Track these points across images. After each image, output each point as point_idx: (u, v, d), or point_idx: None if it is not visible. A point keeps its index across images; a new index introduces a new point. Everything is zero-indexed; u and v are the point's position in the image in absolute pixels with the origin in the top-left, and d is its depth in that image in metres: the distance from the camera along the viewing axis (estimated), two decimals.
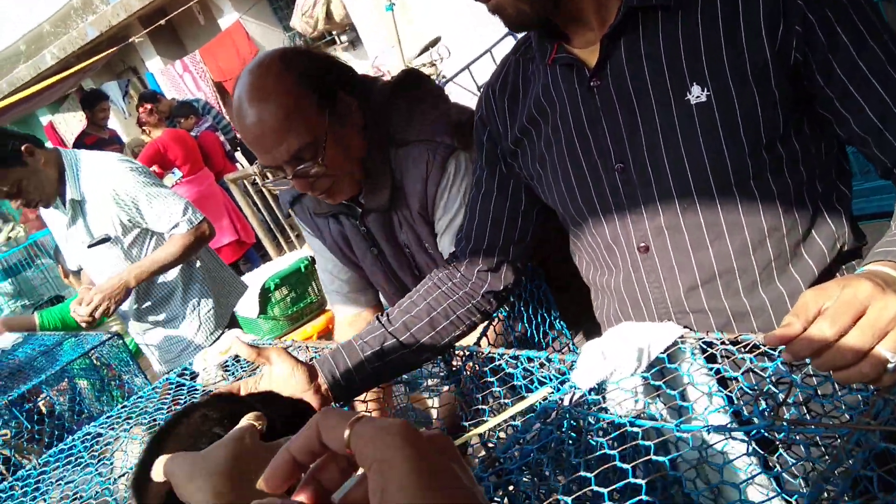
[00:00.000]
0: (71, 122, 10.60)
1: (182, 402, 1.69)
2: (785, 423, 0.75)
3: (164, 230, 2.82)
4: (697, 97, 1.02)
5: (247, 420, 0.92)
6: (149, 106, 6.72)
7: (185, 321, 3.01)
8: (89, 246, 2.85)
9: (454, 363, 1.37)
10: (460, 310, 1.37)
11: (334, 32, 8.46)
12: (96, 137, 7.40)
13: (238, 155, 8.14)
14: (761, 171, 1.04)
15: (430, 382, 1.59)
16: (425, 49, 6.16)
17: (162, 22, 9.01)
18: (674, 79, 1.04)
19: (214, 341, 2.92)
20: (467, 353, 1.34)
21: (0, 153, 2.62)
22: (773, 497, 0.84)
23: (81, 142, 7.54)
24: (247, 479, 0.83)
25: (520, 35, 1.26)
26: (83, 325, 2.74)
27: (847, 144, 1.09)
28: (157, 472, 0.85)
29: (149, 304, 2.97)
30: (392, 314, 1.37)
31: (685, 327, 1.00)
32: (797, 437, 0.75)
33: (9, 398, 2.43)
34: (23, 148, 2.65)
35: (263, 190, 6.20)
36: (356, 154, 1.48)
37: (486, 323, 1.54)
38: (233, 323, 3.12)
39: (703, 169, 1.05)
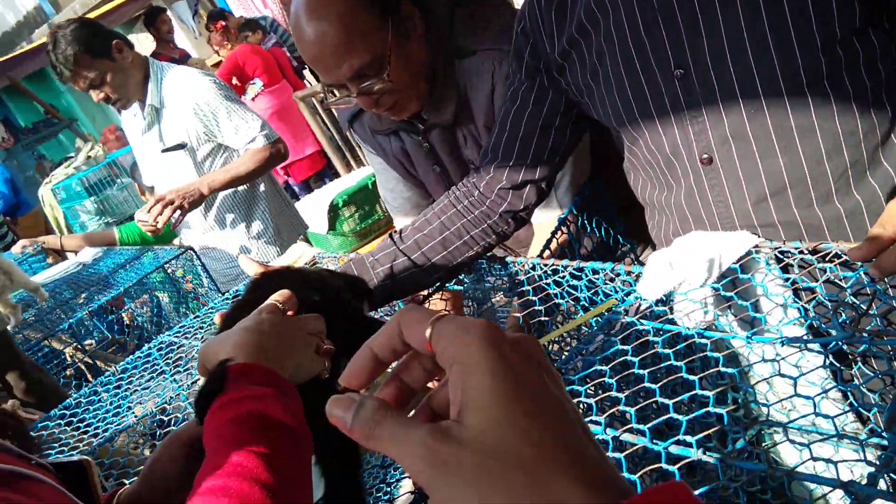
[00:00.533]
0: (144, 43, 10.67)
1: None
2: (866, 335, 0.70)
3: (239, 145, 2.86)
4: None
5: (270, 299, 0.95)
6: (221, 24, 6.74)
7: (244, 247, 3.06)
8: (163, 151, 2.92)
9: (518, 276, 1.34)
10: (474, 230, 1.34)
11: None
12: (167, 57, 7.46)
13: (306, 72, 8.12)
14: (836, 70, 0.96)
15: (496, 299, 1.58)
16: None
17: None
18: None
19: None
20: (531, 264, 1.32)
21: (92, 43, 2.70)
22: (848, 411, 0.81)
23: None
24: (265, 352, 0.85)
25: None
26: (147, 231, 2.80)
27: None
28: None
29: (211, 221, 3.03)
30: (405, 232, 1.35)
31: (759, 238, 0.95)
32: (876, 350, 0.71)
33: (91, 309, 2.52)
34: (113, 42, 2.73)
35: (331, 108, 6.20)
36: (420, 67, 1.42)
37: (551, 233, 1.51)
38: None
39: (771, 69, 0.96)
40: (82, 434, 1.55)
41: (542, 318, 1.19)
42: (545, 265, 1.28)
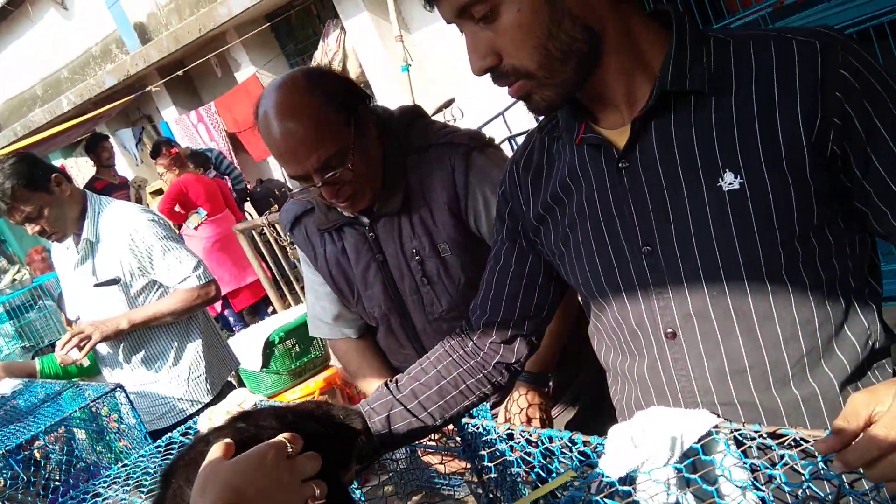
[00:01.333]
0: (84, 167, 10.70)
1: None
2: None
3: (171, 283, 2.83)
4: (730, 184, 1.00)
5: (281, 437, 0.89)
6: (175, 150, 6.80)
7: (172, 384, 2.98)
8: (96, 285, 2.87)
9: (473, 438, 1.33)
10: (470, 380, 1.34)
11: None
12: (106, 182, 7.45)
13: (247, 206, 8.17)
14: (794, 263, 1.02)
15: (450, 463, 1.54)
16: (439, 110, 6.22)
17: (179, 73, 9.14)
18: (706, 164, 1.02)
19: (200, 409, 2.89)
20: (484, 428, 1.30)
21: (31, 175, 2.70)
22: None
23: (92, 186, 7.58)
24: (262, 496, 0.80)
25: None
26: (61, 362, 2.80)
27: (884, 239, 1.07)
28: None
29: (139, 357, 2.96)
30: (401, 381, 1.35)
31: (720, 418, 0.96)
32: None
33: (6, 448, 2.37)
34: (52, 176, 2.74)
35: (271, 241, 6.19)
36: (375, 161, 1.60)
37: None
38: (221, 395, 3.05)
39: (734, 257, 1.02)
40: None
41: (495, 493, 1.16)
42: (499, 428, 1.27)
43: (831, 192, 1.00)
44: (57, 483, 3.04)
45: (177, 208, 6.44)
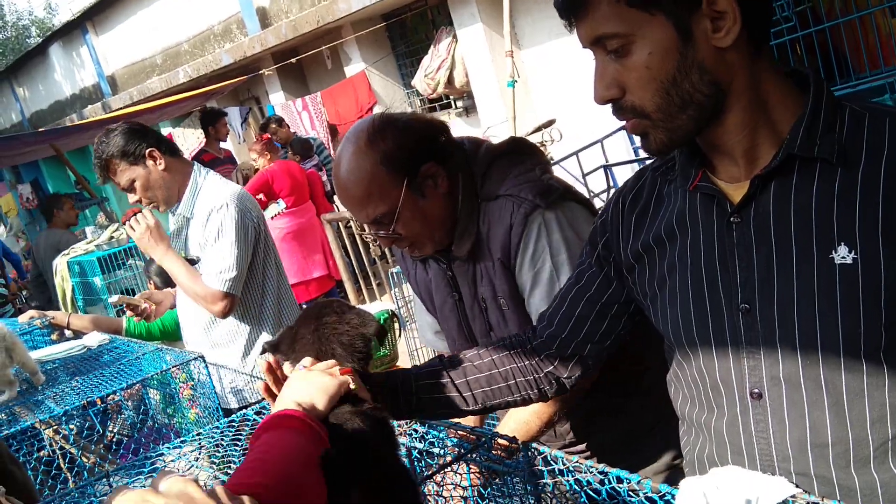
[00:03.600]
0: (189, 138, 11.10)
1: None
2: None
3: (202, 270, 2.84)
4: (843, 258, 0.99)
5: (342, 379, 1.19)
6: (266, 136, 6.99)
7: (242, 363, 3.01)
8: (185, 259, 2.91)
9: (539, 463, 1.33)
10: (520, 378, 1.38)
11: (452, 97, 8.66)
12: (213, 156, 7.72)
13: (336, 198, 8.35)
14: (894, 345, 1.00)
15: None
16: (538, 129, 6.22)
17: (292, 60, 9.42)
18: (821, 234, 1.01)
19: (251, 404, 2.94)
20: (553, 455, 1.31)
21: (125, 149, 2.76)
22: None
23: (199, 158, 7.89)
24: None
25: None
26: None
27: None
28: None
29: (213, 337, 3.00)
30: (457, 356, 1.40)
31: (798, 487, 0.95)
32: None
33: (87, 399, 2.48)
34: (148, 150, 2.77)
35: (356, 234, 6.32)
36: (435, 220, 1.60)
37: None
38: None
39: (834, 331, 1.01)
40: None
41: None
42: (568, 460, 1.27)
43: None
44: (126, 438, 3.18)
45: (260, 196, 6.62)
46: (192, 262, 2.89)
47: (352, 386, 1.17)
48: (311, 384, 1.15)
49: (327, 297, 7.16)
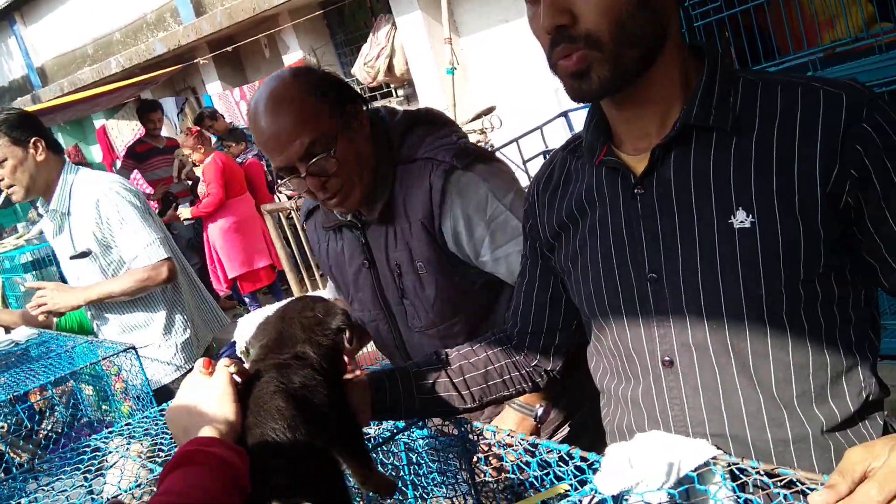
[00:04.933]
0: (123, 130, 10.84)
1: None
2: None
3: (127, 259, 2.88)
4: (741, 222, 1.01)
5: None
6: (196, 129, 6.90)
7: (162, 349, 3.04)
8: (70, 258, 2.96)
9: (470, 438, 1.33)
10: (514, 372, 1.39)
11: (392, 86, 8.61)
12: (150, 146, 7.59)
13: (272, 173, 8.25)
14: (795, 306, 1.03)
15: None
16: (478, 116, 6.23)
17: (228, 49, 9.23)
18: (720, 200, 1.03)
19: (188, 371, 2.93)
20: (486, 429, 1.31)
21: (16, 127, 2.81)
22: None
23: (133, 149, 7.73)
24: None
25: (574, 119, 1.27)
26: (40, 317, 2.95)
27: (890, 295, 1.08)
28: None
29: (127, 323, 3.02)
30: (451, 355, 1.39)
31: (719, 449, 0.96)
32: None
33: (14, 394, 2.41)
34: (33, 139, 2.83)
35: (297, 225, 6.25)
36: (366, 161, 1.59)
37: None
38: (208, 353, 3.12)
39: (736, 294, 1.03)
40: None
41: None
42: (499, 433, 1.27)
43: (840, 242, 1.01)
44: (58, 436, 3.09)
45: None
46: (85, 254, 2.92)
47: (232, 370, 1.09)
48: (208, 391, 1.08)
49: (271, 288, 7.10)
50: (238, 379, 1.09)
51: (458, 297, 1.66)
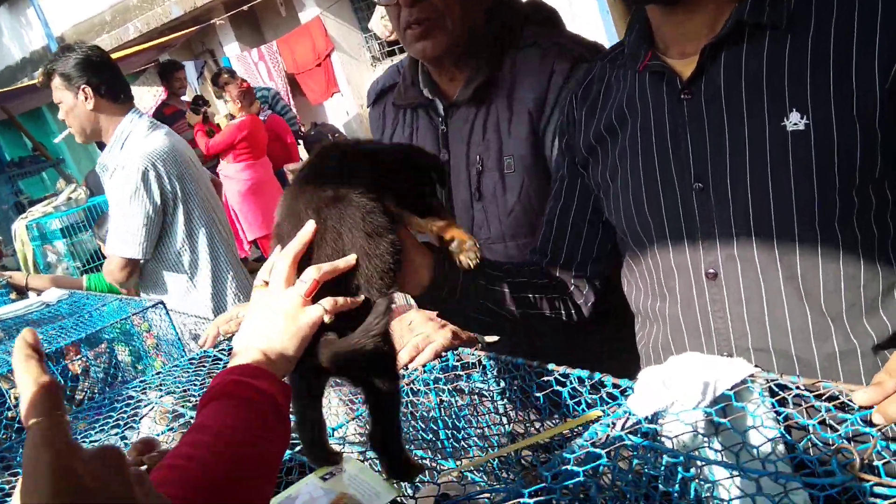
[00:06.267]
0: (145, 97, 10.83)
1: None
2: (868, 482, 0.68)
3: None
4: (795, 125, 0.97)
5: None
6: (247, 84, 6.87)
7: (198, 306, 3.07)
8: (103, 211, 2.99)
9: (502, 372, 1.31)
10: (555, 294, 1.34)
11: None
12: (175, 108, 7.56)
13: (300, 149, 8.22)
14: (848, 214, 0.98)
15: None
16: None
17: (244, 8, 9.16)
18: (772, 102, 0.98)
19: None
20: (516, 363, 1.29)
21: (70, 73, 2.82)
22: None
23: (161, 112, 7.71)
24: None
25: None
26: None
27: None
28: None
29: (160, 284, 3.07)
30: (495, 266, 1.32)
31: (757, 367, 0.93)
32: (876, 502, 0.69)
33: (46, 350, 2.43)
34: (82, 86, 2.82)
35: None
36: (469, 11, 1.43)
37: None
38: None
39: (787, 201, 0.99)
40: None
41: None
42: (530, 365, 1.25)
43: None
44: (97, 395, 3.14)
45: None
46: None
47: (326, 320, 0.96)
48: (275, 316, 0.95)
49: None
50: (327, 319, 0.96)
51: (538, 210, 1.44)
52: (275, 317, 0.96)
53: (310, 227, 0.99)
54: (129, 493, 0.57)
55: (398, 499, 1.00)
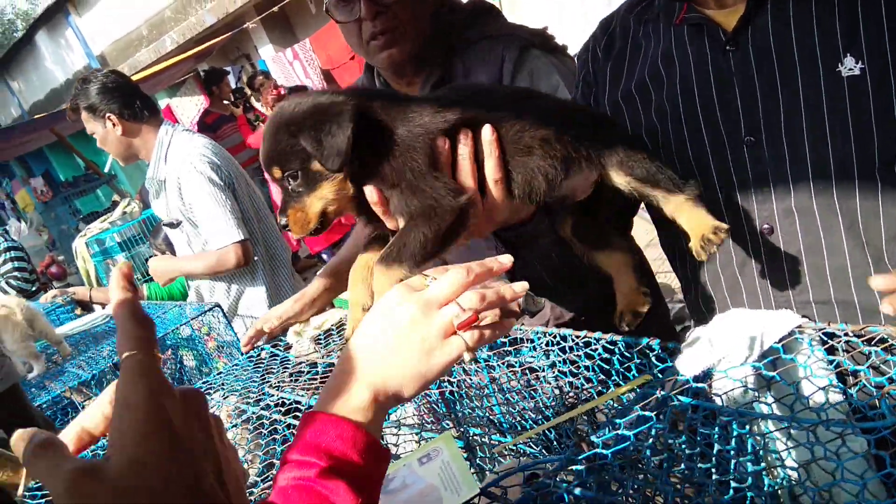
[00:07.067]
0: (187, 107, 11.00)
1: (275, 372, 1.71)
2: None
3: (206, 239, 2.91)
4: (850, 70, 0.93)
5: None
6: (281, 89, 6.96)
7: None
8: (163, 224, 3.06)
9: (550, 345, 1.32)
10: None
11: None
12: (217, 115, 7.67)
13: None
14: None
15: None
16: None
17: (275, 9, 9.22)
18: (825, 48, 0.95)
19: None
20: (562, 335, 1.29)
21: (92, 103, 2.87)
22: (889, 502, 0.77)
23: (203, 122, 7.83)
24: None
25: None
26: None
27: None
28: None
29: (217, 291, 3.06)
30: None
31: (805, 317, 0.92)
32: None
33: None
34: (107, 115, 2.86)
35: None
36: (423, 21, 1.51)
37: None
38: None
39: (846, 149, 0.96)
40: None
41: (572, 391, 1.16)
42: (577, 336, 1.25)
43: None
44: None
45: None
46: (173, 225, 2.97)
47: (466, 358, 0.81)
48: (409, 342, 0.78)
49: (342, 240, 7.21)
50: (467, 357, 0.80)
51: None
52: (409, 343, 0.79)
53: (506, 260, 0.86)
54: (207, 434, 0.60)
55: (489, 489, 0.97)
